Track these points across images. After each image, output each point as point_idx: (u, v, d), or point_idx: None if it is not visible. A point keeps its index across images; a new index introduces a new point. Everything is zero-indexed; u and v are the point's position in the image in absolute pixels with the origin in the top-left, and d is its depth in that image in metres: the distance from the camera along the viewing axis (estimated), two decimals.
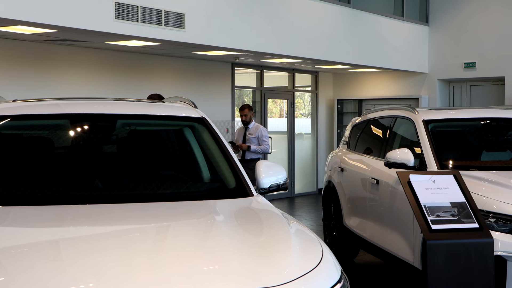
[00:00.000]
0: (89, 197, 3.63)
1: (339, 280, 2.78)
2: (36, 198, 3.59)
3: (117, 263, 2.62)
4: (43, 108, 4.34)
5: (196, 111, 4.38)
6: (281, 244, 2.97)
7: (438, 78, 14.57)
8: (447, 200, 5.23)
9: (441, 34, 14.56)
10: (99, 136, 4.28)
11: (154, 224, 3.34)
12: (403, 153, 6.06)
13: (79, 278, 2.48)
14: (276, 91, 15.04)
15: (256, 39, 10.64)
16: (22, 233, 3.09)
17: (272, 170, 4.08)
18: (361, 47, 13.02)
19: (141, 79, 11.39)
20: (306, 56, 11.85)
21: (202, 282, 2.52)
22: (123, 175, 3.99)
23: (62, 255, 2.77)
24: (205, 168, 4.20)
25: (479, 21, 13.98)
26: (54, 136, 4.24)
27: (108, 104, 4.62)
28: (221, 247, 2.89)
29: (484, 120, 6.87)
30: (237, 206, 3.69)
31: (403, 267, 6.03)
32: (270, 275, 2.63)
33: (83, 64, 10.55)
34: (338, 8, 12.51)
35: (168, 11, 9.02)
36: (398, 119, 7.02)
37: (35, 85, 9.80)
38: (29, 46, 9.73)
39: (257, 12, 10.60)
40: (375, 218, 6.80)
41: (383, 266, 7.74)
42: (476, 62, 13.97)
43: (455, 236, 5.03)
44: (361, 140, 7.90)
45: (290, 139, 14.99)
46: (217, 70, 12.94)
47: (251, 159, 9.95)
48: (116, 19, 8.40)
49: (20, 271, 2.53)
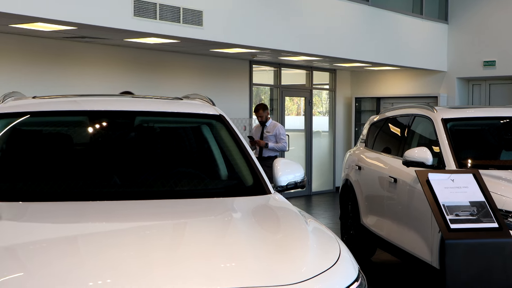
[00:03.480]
0: (107, 194, 3.65)
1: (356, 278, 2.76)
2: (54, 194, 3.61)
3: (135, 259, 2.63)
4: (62, 104, 4.37)
5: (214, 109, 4.38)
6: (298, 242, 2.96)
7: (457, 76, 14.46)
8: (466, 199, 5.19)
9: (460, 32, 14.45)
10: (118, 133, 4.29)
11: (172, 221, 3.34)
12: (422, 151, 6.02)
13: (97, 274, 2.49)
14: (293, 89, 15.01)
15: (274, 37, 10.63)
16: (40, 228, 3.11)
17: (290, 168, 4.08)
18: (379, 45, 12.96)
19: (159, 76, 11.43)
20: (324, 54, 11.83)
21: (219, 279, 2.52)
22: (141, 172, 4.00)
23: (80, 250, 2.79)
24: (222, 166, 4.20)
25: (499, 19, 13.85)
26: (72, 133, 4.26)
27: (127, 101, 4.64)
28: (238, 245, 2.89)
29: (504, 119, 6.81)
30: (255, 203, 3.69)
31: (421, 266, 6.00)
32: (287, 273, 2.62)
33: (101, 61, 10.60)
34: (357, 6, 12.46)
35: (187, 8, 9.04)
36: (416, 117, 6.97)
37: (54, 82, 9.86)
38: (48, 43, 9.79)
39: (275, 9, 10.59)
40: (393, 217, 6.77)
41: (400, 265, 7.70)
42: (495, 61, 13.85)
43: (474, 236, 4.99)
44: (379, 139, 7.86)
45: (307, 137, 14.97)
46: (235, 68, 12.95)
47: (269, 156, 9.94)
48: (135, 16, 8.43)
49: (38, 266, 2.54)
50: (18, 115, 4.10)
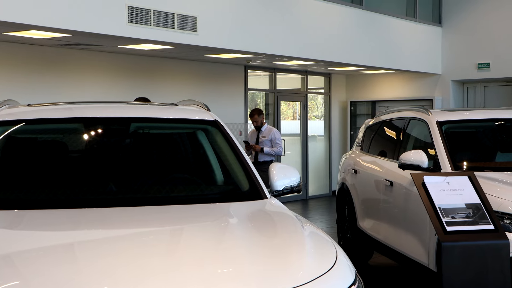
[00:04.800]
0: (103, 201, 3.64)
1: (353, 282, 2.77)
2: (50, 201, 3.60)
3: (132, 266, 2.63)
4: (57, 112, 4.36)
5: (209, 114, 4.38)
6: (295, 247, 2.97)
7: (451, 79, 14.50)
8: (461, 201, 5.21)
9: (454, 35, 14.49)
10: (113, 139, 4.29)
11: (168, 227, 3.34)
12: (417, 154, 6.04)
13: (94, 281, 2.49)
14: (289, 93, 15.03)
15: (269, 42, 10.64)
16: (37, 236, 3.11)
17: (286, 173, 4.08)
18: (374, 49, 12.99)
19: (154, 83, 11.42)
20: (319, 58, 11.84)
21: (216, 284, 2.52)
22: (137, 178, 4.00)
23: (77, 258, 2.78)
24: (218, 171, 4.20)
25: (492, 21, 13.90)
26: (68, 140, 4.26)
27: (122, 108, 4.64)
28: (235, 250, 2.89)
29: (498, 121, 6.83)
30: (251, 208, 3.69)
31: (418, 269, 6.01)
32: (284, 277, 2.62)
33: (96, 68, 10.60)
34: (351, 10, 12.49)
35: (181, 14, 9.05)
36: (411, 120, 6.99)
37: (49, 89, 9.85)
38: (42, 51, 9.79)
39: (269, 14, 10.60)
40: (389, 220, 6.78)
41: (397, 268, 7.71)
42: (490, 63, 13.89)
43: (470, 238, 5.00)
44: (374, 142, 7.87)
45: (303, 141, 14.98)
46: (230, 73, 12.96)
47: (264, 161, 9.94)
48: (129, 23, 8.43)
49: (35, 274, 2.54)
50: (13, 123, 4.10)
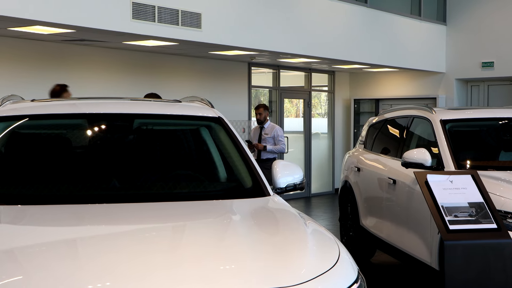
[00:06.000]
0: (106, 197, 3.65)
1: (356, 280, 2.77)
2: (53, 197, 3.61)
3: (134, 262, 2.63)
4: (60, 107, 4.37)
5: (213, 111, 4.38)
6: (297, 244, 2.97)
7: (455, 77, 14.47)
8: (464, 200, 5.20)
9: (458, 33, 14.46)
10: (116, 135, 4.29)
11: (171, 224, 3.34)
12: (420, 153, 6.03)
13: (96, 277, 2.49)
14: (292, 91, 15.02)
15: (273, 39, 10.63)
16: (39, 232, 3.11)
17: (289, 170, 4.08)
18: (378, 47, 12.97)
19: (158, 79, 11.43)
20: (323, 55, 11.83)
21: (218, 281, 2.52)
22: (140, 174, 4.01)
23: (79, 254, 2.79)
24: (221, 168, 4.20)
25: (497, 20, 13.87)
26: (71, 136, 4.26)
27: (125, 104, 4.64)
28: (237, 247, 2.89)
29: (502, 120, 6.82)
30: (254, 205, 3.69)
31: (420, 268, 6.00)
32: (287, 274, 2.62)
33: (100, 64, 10.60)
34: (355, 8, 12.47)
35: (185, 11, 9.04)
36: (415, 119, 6.98)
37: (53, 85, 9.85)
38: (47, 46, 9.80)
39: (273, 11, 10.60)
40: (392, 218, 6.77)
41: (400, 266, 7.70)
42: (494, 62, 13.86)
43: (473, 237, 5.00)
44: (377, 140, 7.86)
45: (306, 139, 14.97)
46: (234, 70, 12.95)
47: (267, 158, 9.94)
48: (133, 19, 8.43)
49: (37, 269, 2.55)
50: (17, 118, 4.11)
